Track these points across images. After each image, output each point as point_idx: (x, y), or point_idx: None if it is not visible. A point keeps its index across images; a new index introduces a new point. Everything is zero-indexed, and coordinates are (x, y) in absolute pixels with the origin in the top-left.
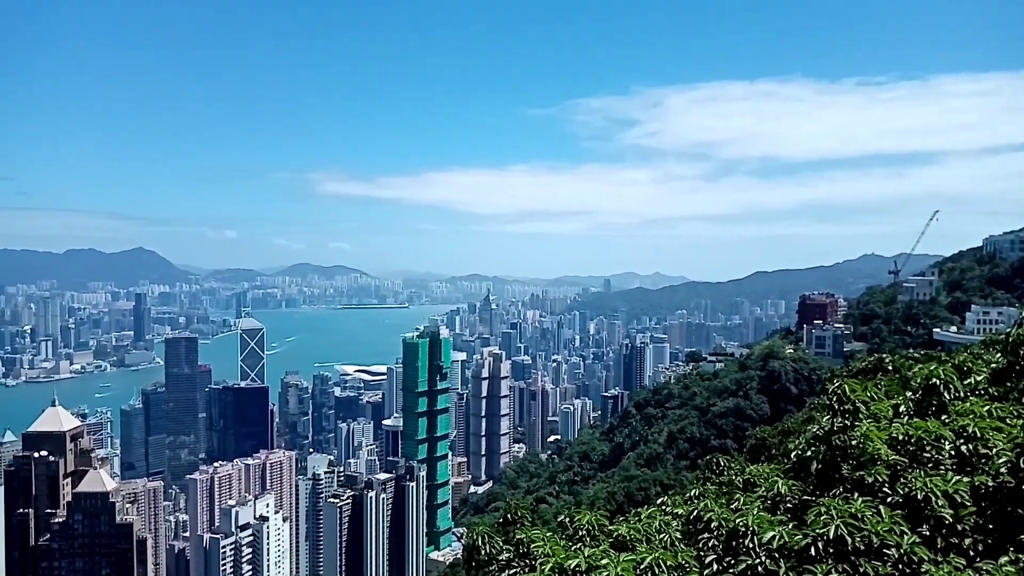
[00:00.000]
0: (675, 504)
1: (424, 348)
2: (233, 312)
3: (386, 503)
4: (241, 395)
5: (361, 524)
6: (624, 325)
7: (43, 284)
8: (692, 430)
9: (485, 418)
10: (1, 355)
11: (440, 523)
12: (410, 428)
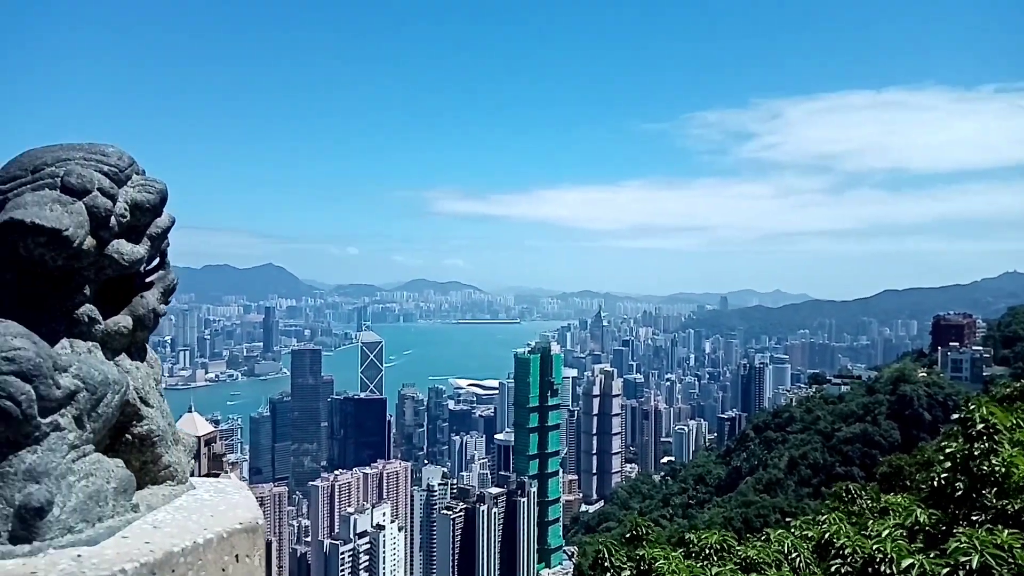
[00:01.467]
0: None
1: (535, 364)
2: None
3: (498, 517)
4: (361, 406)
5: (473, 537)
6: (742, 344)
7: (183, 297)
8: (815, 456)
9: (596, 436)
10: None
11: (551, 540)
12: (521, 443)
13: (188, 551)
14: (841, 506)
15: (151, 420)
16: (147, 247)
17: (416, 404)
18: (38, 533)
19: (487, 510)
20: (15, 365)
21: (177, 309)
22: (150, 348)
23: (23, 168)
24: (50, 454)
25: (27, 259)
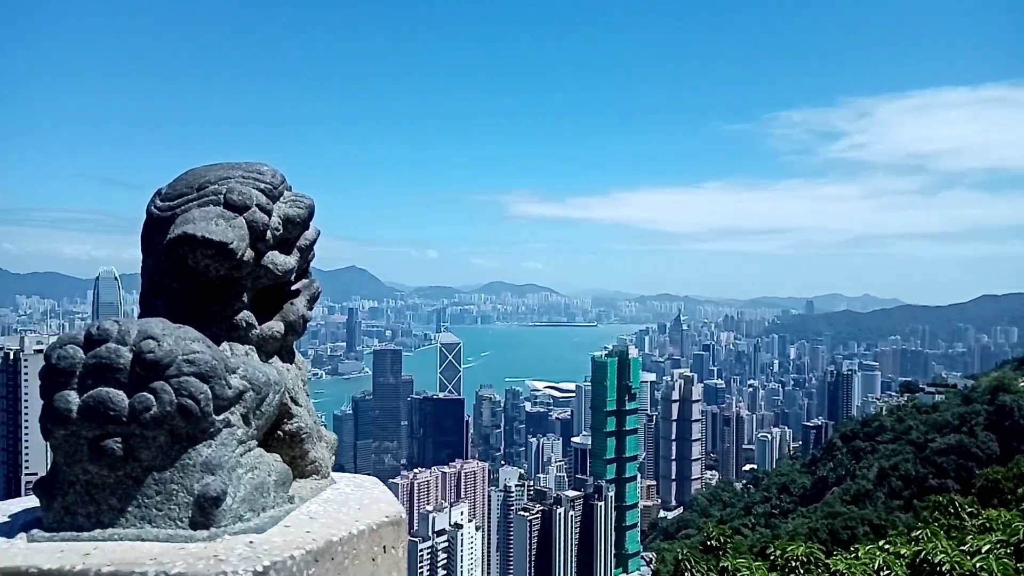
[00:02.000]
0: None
1: (613, 367)
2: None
3: (574, 520)
4: (439, 405)
5: (550, 539)
6: (829, 350)
7: None
8: (907, 467)
9: (675, 442)
10: None
11: (628, 546)
12: (599, 447)
13: (344, 541)
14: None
15: (300, 418)
16: (297, 258)
17: (493, 405)
18: (214, 520)
19: (564, 513)
20: (195, 367)
21: None
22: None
23: (189, 186)
24: (223, 448)
25: (193, 269)
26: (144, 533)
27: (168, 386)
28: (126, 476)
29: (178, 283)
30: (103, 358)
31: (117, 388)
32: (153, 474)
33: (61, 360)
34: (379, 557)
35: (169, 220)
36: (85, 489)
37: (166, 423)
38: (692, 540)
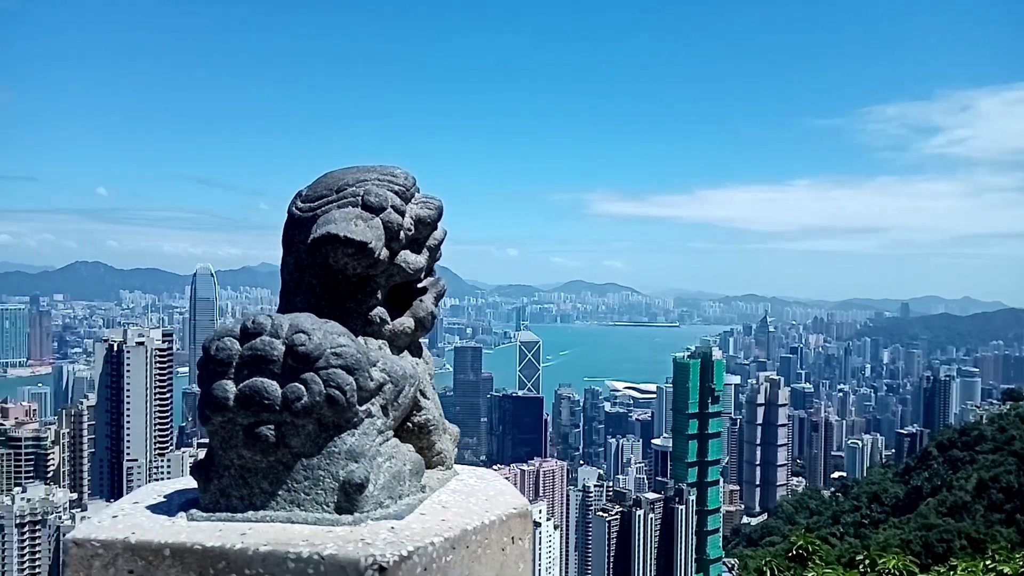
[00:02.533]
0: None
1: (695, 369)
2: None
3: (654, 523)
4: (518, 403)
5: (629, 541)
6: (925, 355)
7: None
8: (1009, 479)
9: (760, 446)
10: None
11: (710, 551)
12: (680, 450)
13: (478, 530)
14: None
15: (428, 411)
16: (426, 257)
17: (572, 404)
18: (358, 506)
19: (643, 515)
20: (341, 360)
21: None
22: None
23: (328, 188)
24: (364, 437)
25: (332, 267)
26: (294, 516)
27: (318, 377)
28: (277, 462)
29: (317, 280)
30: (258, 350)
31: (270, 378)
32: (302, 460)
33: (219, 352)
34: (508, 548)
35: (310, 220)
36: (239, 473)
37: (315, 412)
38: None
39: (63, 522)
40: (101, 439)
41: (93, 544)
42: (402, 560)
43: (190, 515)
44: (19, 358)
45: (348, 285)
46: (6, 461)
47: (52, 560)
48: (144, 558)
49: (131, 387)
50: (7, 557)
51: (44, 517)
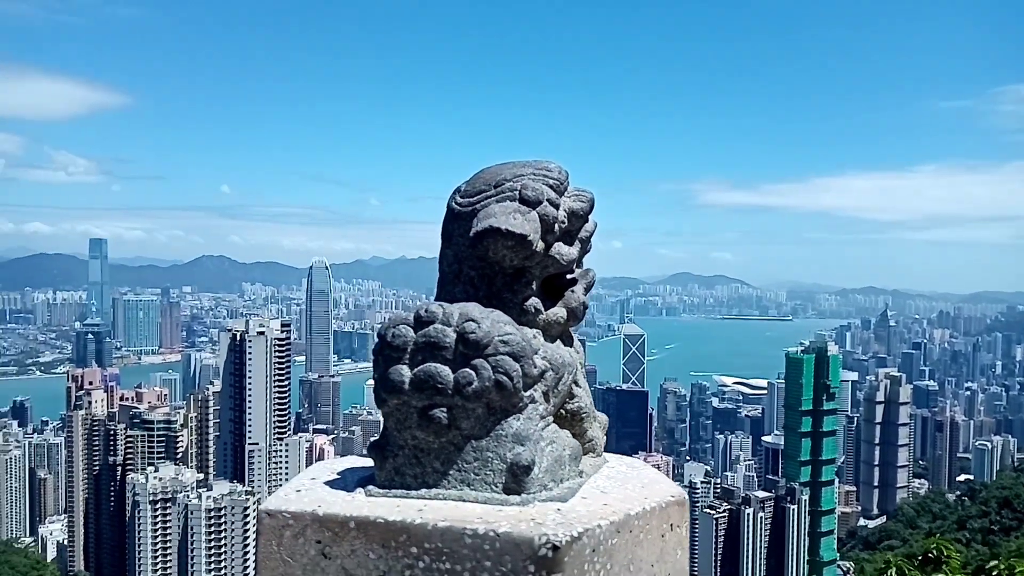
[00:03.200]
0: None
1: (809, 364)
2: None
3: (764, 522)
4: (623, 397)
5: (737, 540)
6: None
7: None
8: None
9: (879, 446)
10: None
11: (823, 553)
12: (792, 448)
13: (640, 516)
14: None
15: (580, 399)
16: (578, 249)
17: (678, 399)
18: (524, 487)
19: (753, 514)
20: (509, 347)
21: None
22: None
23: (487, 183)
24: (529, 422)
25: (490, 259)
26: (464, 495)
27: (487, 363)
28: (448, 443)
29: (475, 271)
30: (431, 337)
31: (443, 364)
32: (472, 442)
33: (395, 338)
34: (667, 534)
35: (469, 215)
36: (413, 453)
37: (484, 397)
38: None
39: (190, 500)
40: (225, 423)
41: (284, 515)
42: (573, 541)
43: (368, 491)
44: (152, 346)
45: (504, 276)
46: (140, 442)
47: (181, 535)
48: (331, 529)
49: (252, 374)
50: (142, 530)
51: (174, 495)
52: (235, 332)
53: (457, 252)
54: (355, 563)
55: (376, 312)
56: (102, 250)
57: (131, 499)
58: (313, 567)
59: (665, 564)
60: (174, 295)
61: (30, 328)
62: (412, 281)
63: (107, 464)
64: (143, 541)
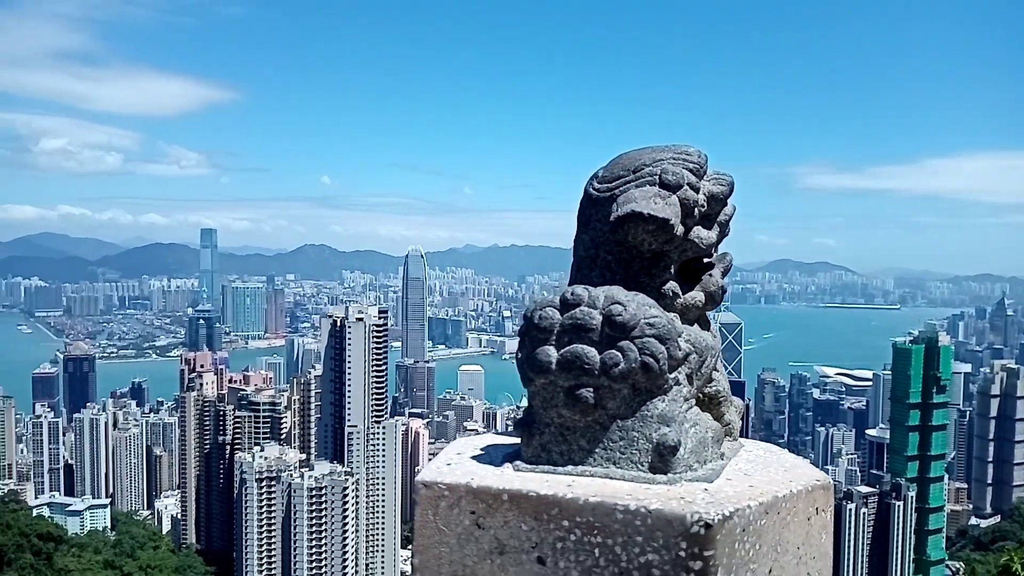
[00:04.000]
0: None
1: (918, 355)
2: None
3: (867, 518)
4: None
5: (838, 535)
6: None
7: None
8: None
9: (994, 442)
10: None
11: (931, 552)
12: (898, 442)
13: (787, 498)
14: None
15: (718, 382)
16: (717, 232)
17: (777, 390)
18: (670, 467)
19: (855, 509)
20: (655, 329)
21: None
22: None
23: (625, 168)
24: (673, 404)
25: (628, 244)
26: (611, 472)
27: (633, 345)
28: (594, 422)
29: (612, 256)
30: (578, 319)
31: (589, 345)
32: (617, 422)
33: (542, 320)
34: (813, 518)
35: (607, 200)
36: (559, 431)
37: (630, 378)
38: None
39: (293, 479)
40: (326, 406)
41: (439, 487)
42: (724, 520)
43: (516, 466)
44: (258, 331)
45: (642, 260)
46: (247, 423)
47: (284, 512)
48: (484, 501)
49: (351, 359)
50: (248, 507)
51: (278, 474)
52: (335, 318)
53: (594, 237)
54: (508, 533)
55: (469, 299)
56: (212, 240)
57: (239, 477)
58: (467, 536)
59: (811, 547)
60: (278, 282)
61: (147, 314)
62: (505, 269)
63: (217, 443)
64: (249, 517)
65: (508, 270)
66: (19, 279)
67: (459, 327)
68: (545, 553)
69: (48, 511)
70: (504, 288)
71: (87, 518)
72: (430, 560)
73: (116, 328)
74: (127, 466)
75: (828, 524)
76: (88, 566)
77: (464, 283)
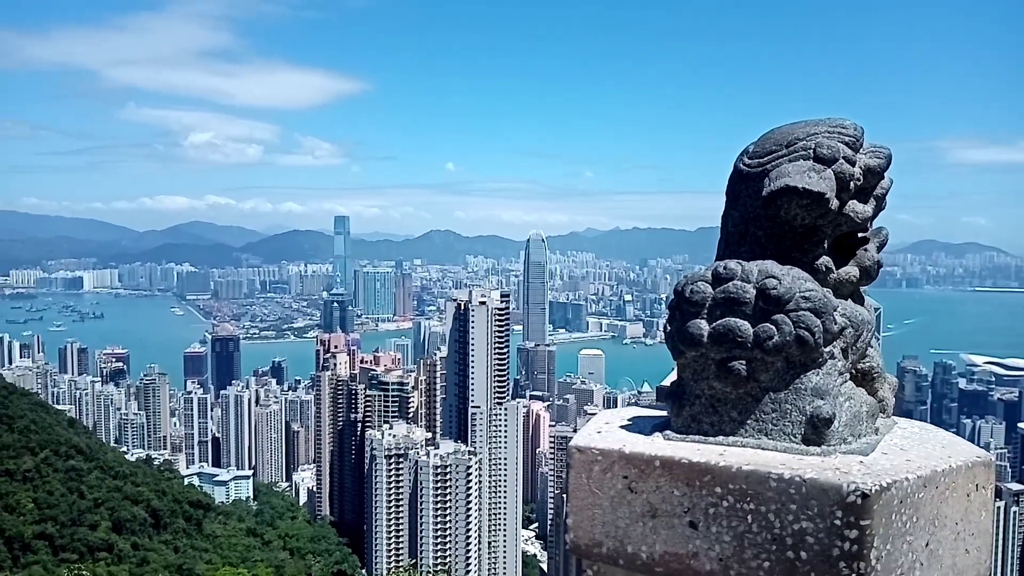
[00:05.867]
0: None
1: None
2: None
3: (1018, 517)
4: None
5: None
6: None
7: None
8: None
9: None
10: (642, 317)
11: None
12: None
13: (946, 473)
14: None
15: (872, 358)
16: (872, 206)
17: (918, 379)
18: (825, 439)
19: (1004, 507)
20: (810, 303)
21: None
22: (866, 295)
23: (777, 143)
24: (828, 377)
25: (780, 219)
26: (763, 443)
27: (788, 319)
28: (746, 394)
29: (763, 232)
30: (731, 293)
31: (742, 319)
32: (770, 394)
33: (694, 294)
34: (972, 494)
35: (757, 175)
36: (709, 402)
37: (784, 351)
38: None
39: (420, 457)
40: (451, 387)
41: (593, 452)
42: (882, 491)
43: (666, 435)
44: (387, 314)
45: (794, 236)
46: (377, 401)
47: (411, 489)
48: (637, 466)
49: (475, 342)
50: (378, 482)
51: (406, 452)
52: (459, 302)
53: (744, 213)
54: (660, 498)
55: (590, 283)
56: (345, 226)
57: (369, 453)
58: (620, 499)
59: (969, 523)
60: (406, 267)
61: (286, 297)
62: (626, 252)
63: (349, 420)
64: (379, 493)
65: (629, 253)
66: (172, 265)
67: (580, 311)
68: (697, 517)
69: (198, 480)
70: (625, 272)
71: (232, 488)
72: (583, 521)
73: (258, 310)
74: (268, 440)
75: (988, 502)
76: (233, 533)
77: (585, 267)
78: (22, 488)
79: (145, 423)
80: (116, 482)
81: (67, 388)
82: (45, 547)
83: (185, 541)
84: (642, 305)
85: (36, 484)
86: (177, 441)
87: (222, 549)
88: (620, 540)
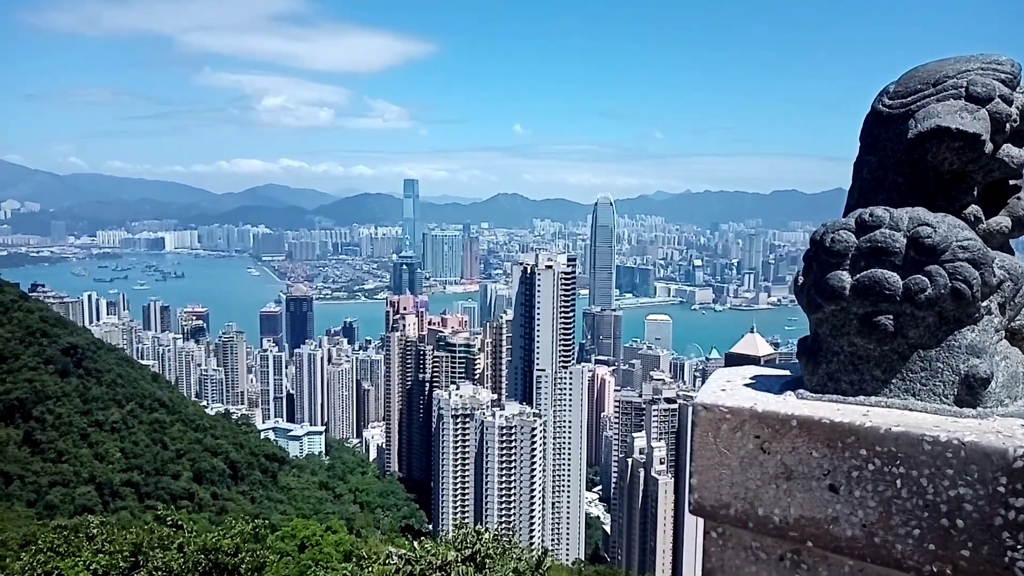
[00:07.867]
0: None
1: None
2: None
3: None
4: None
5: None
6: None
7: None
8: None
9: None
10: (712, 283)
11: None
12: None
13: None
14: None
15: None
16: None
17: None
18: (980, 400)
19: None
20: (968, 253)
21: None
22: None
23: (923, 82)
24: (984, 334)
25: (927, 164)
26: (910, 404)
27: (943, 270)
28: (892, 351)
29: (903, 178)
30: (878, 242)
31: (890, 270)
32: (919, 351)
33: (835, 243)
34: None
35: (900, 117)
36: (849, 360)
37: (937, 305)
38: None
39: (486, 418)
40: (516, 350)
41: (720, 409)
42: None
43: (799, 394)
44: (454, 277)
45: (939, 182)
46: (445, 362)
47: (477, 448)
48: (770, 426)
49: (540, 306)
50: (445, 441)
51: (472, 412)
52: (526, 266)
53: (882, 158)
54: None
55: (658, 248)
56: (414, 190)
57: (436, 412)
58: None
59: None
60: (474, 231)
61: (357, 259)
62: (696, 216)
63: (417, 380)
64: (445, 450)
65: (700, 217)
66: (248, 227)
67: (647, 276)
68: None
69: (273, 435)
70: (695, 236)
71: (305, 443)
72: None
73: (331, 272)
74: (339, 398)
75: None
76: (306, 486)
77: (654, 231)
78: (110, 438)
79: (224, 379)
80: (197, 434)
81: (151, 344)
82: (132, 494)
83: (261, 492)
84: (712, 270)
85: (123, 435)
86: (254, 396)
87: (296, 501)
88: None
